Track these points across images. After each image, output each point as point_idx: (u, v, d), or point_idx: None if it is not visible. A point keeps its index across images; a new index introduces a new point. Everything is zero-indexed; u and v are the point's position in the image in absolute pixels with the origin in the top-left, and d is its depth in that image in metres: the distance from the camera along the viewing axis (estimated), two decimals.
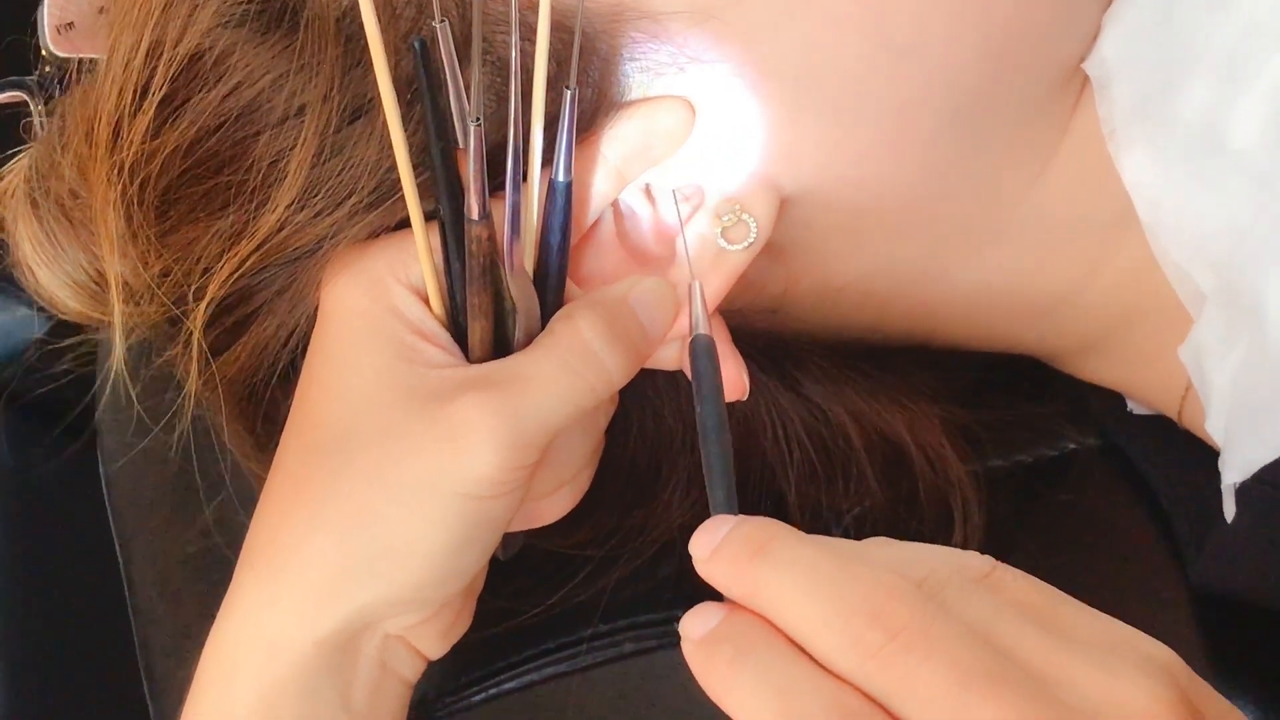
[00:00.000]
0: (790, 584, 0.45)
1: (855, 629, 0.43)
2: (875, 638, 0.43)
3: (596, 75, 0.56)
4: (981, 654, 0.42)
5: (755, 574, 0.46)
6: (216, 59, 0.55)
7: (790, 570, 0.45)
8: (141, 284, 0.59)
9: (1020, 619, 0.44)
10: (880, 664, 0.42)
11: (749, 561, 0.46)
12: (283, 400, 0.60)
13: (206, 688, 0.57)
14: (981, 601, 0.44)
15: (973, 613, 0.44)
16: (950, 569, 0.45)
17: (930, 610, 0.43)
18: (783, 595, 0.45)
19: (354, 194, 0.55)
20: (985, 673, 0.42)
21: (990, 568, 0.46)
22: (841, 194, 0.60)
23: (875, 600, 0.43)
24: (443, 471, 0.53)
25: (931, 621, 0.42)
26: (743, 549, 0.46)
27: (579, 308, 0.56)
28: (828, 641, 0.44)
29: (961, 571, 0.45)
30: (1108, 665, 0.42)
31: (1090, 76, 0.61)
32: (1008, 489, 0.69)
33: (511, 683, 0.66)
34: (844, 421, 0.67)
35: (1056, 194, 0.63)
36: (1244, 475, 0.59)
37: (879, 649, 0.42)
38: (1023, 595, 0.45)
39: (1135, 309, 0.65)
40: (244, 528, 0.58)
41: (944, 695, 0.41)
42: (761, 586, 0.45)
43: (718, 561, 0.47)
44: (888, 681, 0.42)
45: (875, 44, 0.56)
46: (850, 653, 0.43)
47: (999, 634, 0.43)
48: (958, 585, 0.44)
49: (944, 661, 0.42)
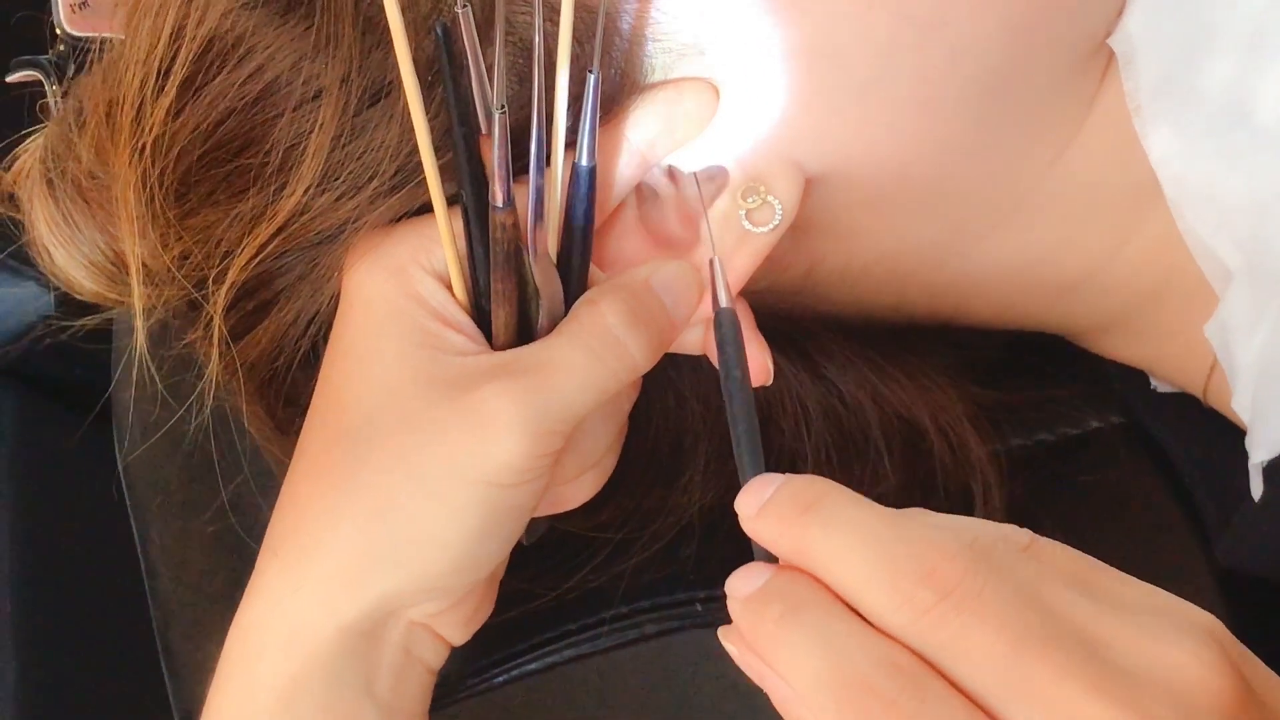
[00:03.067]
0: (840, 541, 0.44)
1: (906, 587, 0.43)
2: (927, 596, 0.42)
3: (620, 57, 0.55)
4: (1033, 615, 0.42)
5: (804, 531, 0.45)
6: (236, 41, 0.55)
7: (840, 528, 0.45)
8: (161, 266, 0.59)
9: (1066, 585, 0.43)
10: (932, 622, 0.42)
11: (797, 519, 0.46)
12: (304, 383, 0.60)
13: (231, 673, 0.57)
14: (1027, 567, 0.44)
15: (1020, 577, 0.43)
16: (994, 538, 0.45)
17: (982, 570, 0.43)
18: (832, 552, 0.44)
19: (375, 178, 0.55)
20: (1038, 634, 0.41)
21: (1030, 539, 0.45)
22: (866, 172, 0.59)
23: (927, 559, 0.43)
24: (467, 460, 0.53)
25: (984, 582, 0.42)
26: (791, 506, 0.46)
27: (602, 293, 0.55)
28: (878, 599, 0.43)
29: (1005, 540, 0.45)
30: (1155, 630, 0.42)
31: (1115, 52, 0.60)
32: (1030, 468, 0.69)
33: (534, 664, 0.66)
34: (864, 404, 0.67)
35: (1081, 170, 0.62)
36: (1272, 454, 0.59)
37: (931, 607, 0.42)
38: (1064, 564, 0.45)
39: (1160, 286, 0.65)
40: (261, 509, 0.58)
41: (997, 656, 0.41)
42: (810, 543, 0.45)
43: (765, 518, 0.47)
44: (939, 640, 0.42)
45: (899, 19, 0.56)
46: (901, 610, 0.43)
47: (1047, 598, 0.43)
48: (1003, 551, 0.44)
49: (996, 622, 0.42)
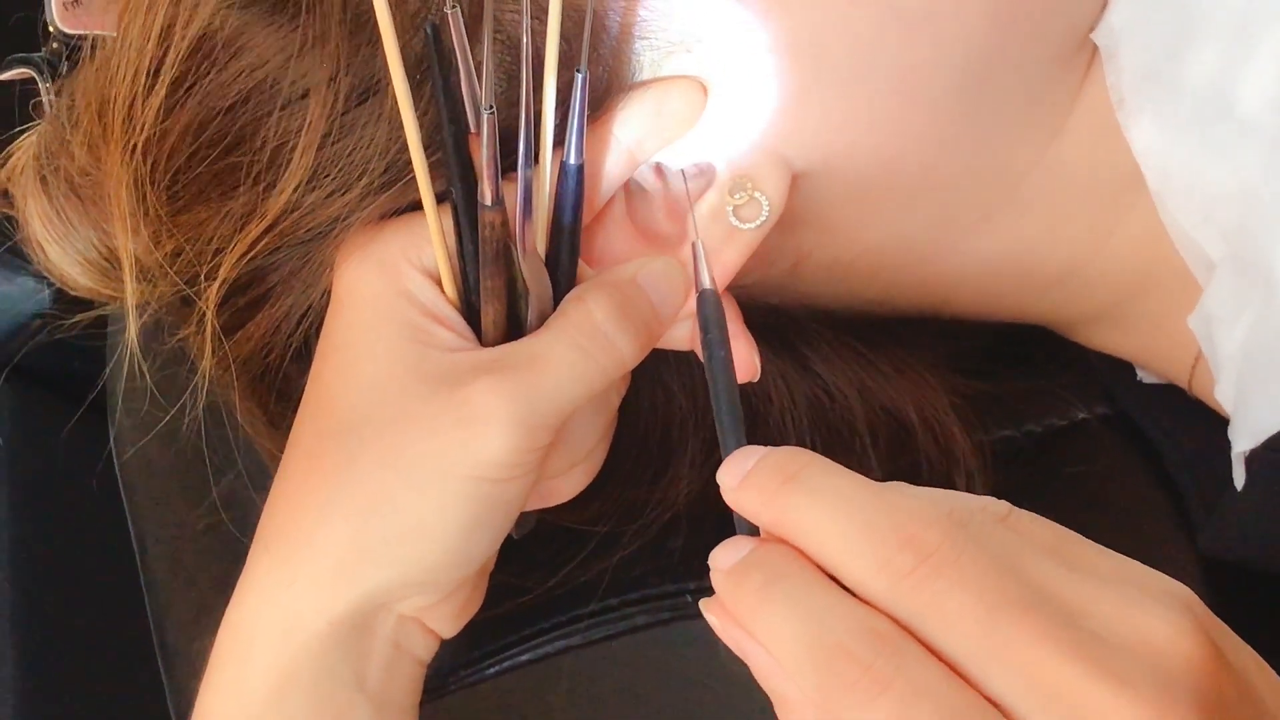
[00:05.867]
0: (821, 510, 0.45)
1: (885, 553, 0.43)
2: (905, 561, 0.43)
3: (608, 55, 0.56)
4: (1010, 581, 0.42)
5: (786, 501, 0.46)
6: (225, 40, 0.55)
7: (821, 497, 0.45)
8: (153, 262, 0.59)
9: (1043, 555, 0.44)
10: (910, 587, 0.43)
11: (779, 489, 0.46)
12: (296, 378, 0.60)
13: (223, 667, 0.57)
14: (1005, 537, 0.44)
15: (998, 546, 0.44)
16: (971, 509, 0.45)
17: (960, 537, 0.43)
18: (813, 521, 0.45)
19: (365, 175, 0.55)
20: (1014, 600, 0.42)
21: (1008, 511, 0.46)
22: (853, 166, 0.60)
23: (906, 526, 0.43)
24: (456, 455, 0.53)
25: (962, 548, 0.43)
26: (773, 477, 0.46)
27: (589, 289, 0.56)
28: (858, 566, 0.44)
29: (983, 510, 0.45)
30: (1131, 598, 0.42)
31: (1099, 45, 0.60)
32: (1017, 459, 0.70)
33: (525, 655, 0.67)
34: (849, 397, 0.67)
35: (1066, 163, 0.63)
36: (1254, 443, 0.60)
37: (909, 572, 0.43)
38: (1042, 535, 0.45)
39: (1145, 278, 0.65)
40: (254, 503, 0.58)
41: (974, 620, 0.42)
42: (791, 512, 0.45)
43: (747, 489, 0.47)
44: (918, 605, 0.43)
45: (885, 13, 0.56)
46: (880, 576, 0.43)
47: (1025, 566, 0.43)
48: (981, 521, 0.44)
49: (974, 587, 0.42)
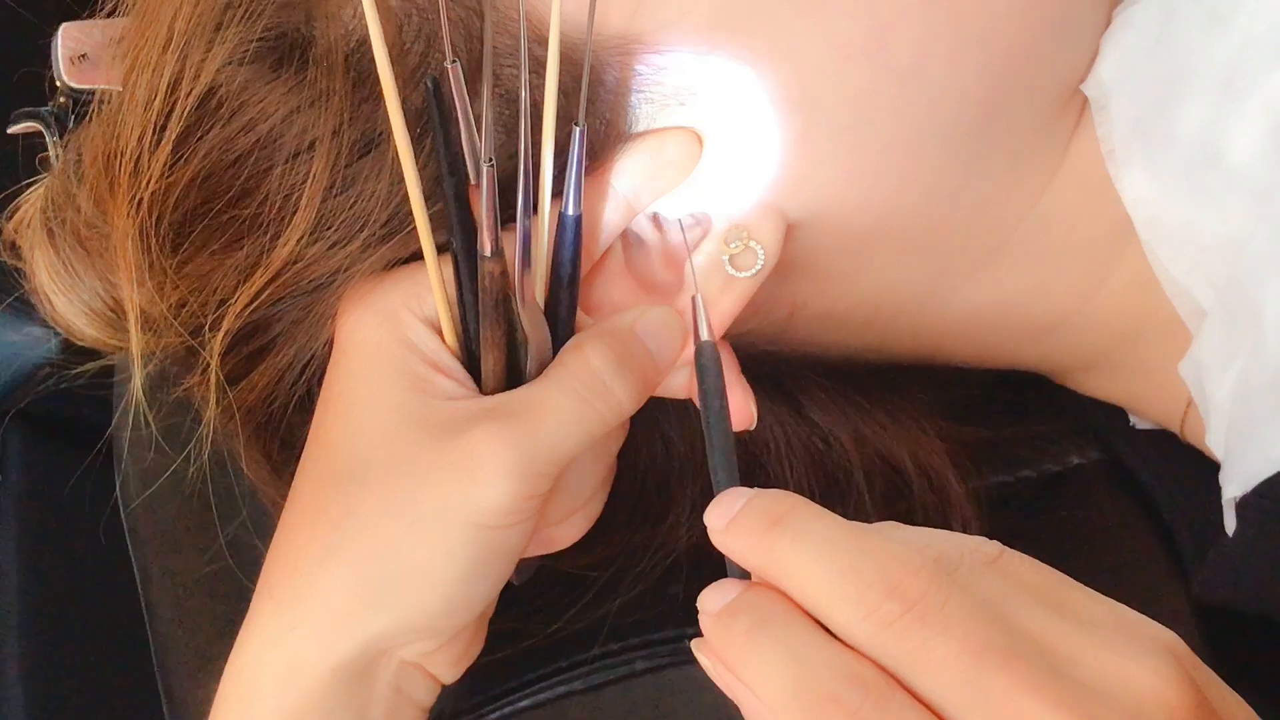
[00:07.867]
0: (807, 555, 0.45)
1: (871, 600, 0.43)
2: (891, 609, 0.43)
3: (605, 108, 0.56)
4: (995, 629, 0.43)
5: (772, 545, 0.46)
6: (230, 96, 0.56)
7: (807, 541, 0.45)
8: (159, 314, 0.60)
9: (1030, 599, 0.44)
10: (895, 635, 0.43)
11: (766, 532, 0.46)
12: (300, 426, 0.61)
13: (227, 711, 0.57)
14: (992, 582, 0.44)
15: (984, 591, 0.44)
16: (961, 551, 0.45)
17: (946, 584, 0.43)
18: (799, 566, 0.45)
19: (367, 227, 0.56)
20: (999, 647, 0.42)
21: (999, 552, 0.46)
22: (847, 217, 0.60)
23: (891, 572, 0.43)
24: (456, 502, 0.54)
25: (947, 595, 0.43)
26: (760, 520, 0.47)
27: (588, 338, 0.56)
28: (844, 612, 0.44)
29: (972, 554, 0.45)
30: (1116, 645, 0.43)
31: (1089, 97, 0.61)
32: (1012, 504, 0.70)
33: (525, 701, 0.67)
34: (845, 444, 0.67)
35: (1058, 213, 0.63)
36: (1244, 489, 0.60)
37: (894, 620, 0.43)
38: (1031, 578, 0.45)
39: (1136, 325, 0.65)
40: (258, 550, 0.59)
41: (958, 668, 0.42)
42: (778, 557, 0.46)
43: (734, 532, 0.47)
44: (902, 652, 0.43)
45: (878, 68, 0.57)
46: (866, 623, 0.43)
47: (1010, 613, 0.43)
48: (969, 566, 0.45)
49: (959, 634, 0.42)
